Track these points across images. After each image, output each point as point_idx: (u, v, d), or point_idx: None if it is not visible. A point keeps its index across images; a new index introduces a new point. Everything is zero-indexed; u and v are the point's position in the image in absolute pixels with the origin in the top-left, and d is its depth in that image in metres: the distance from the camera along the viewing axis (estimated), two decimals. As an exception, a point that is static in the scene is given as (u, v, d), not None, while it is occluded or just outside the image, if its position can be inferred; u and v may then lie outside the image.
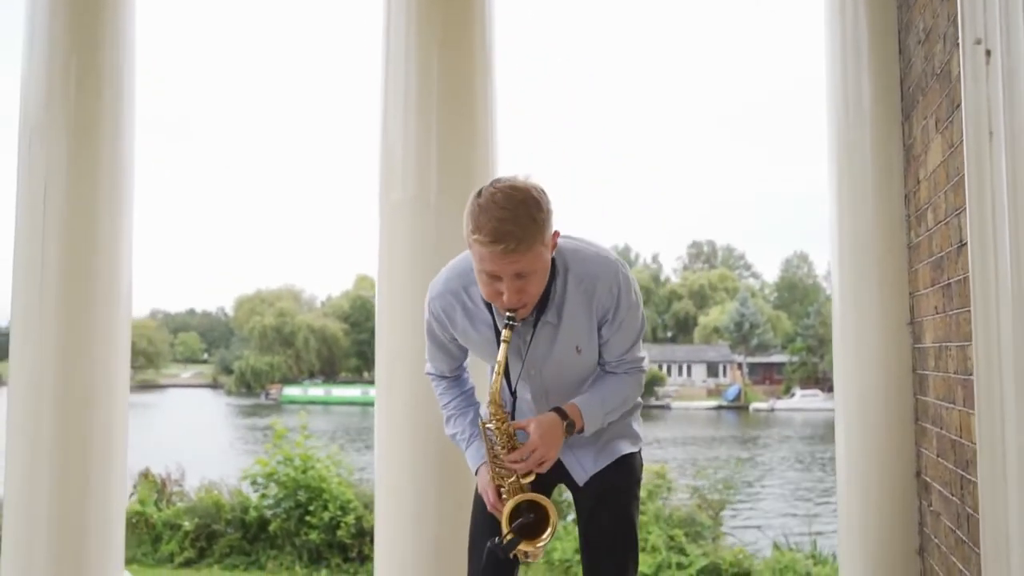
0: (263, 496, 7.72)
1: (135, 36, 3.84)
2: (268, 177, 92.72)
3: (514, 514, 1.94)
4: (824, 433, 33.34)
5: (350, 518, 7.21)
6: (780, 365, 51.62)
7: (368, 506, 7.55)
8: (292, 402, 44.55)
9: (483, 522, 2.13)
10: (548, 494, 2.24)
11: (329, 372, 56.20)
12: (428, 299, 2.06)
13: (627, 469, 2.14)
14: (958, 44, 2.37)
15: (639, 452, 2.19)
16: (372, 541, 7.53)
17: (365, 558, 7.30)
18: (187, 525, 7.58)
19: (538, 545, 1.95)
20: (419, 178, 3.26)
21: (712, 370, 51.51)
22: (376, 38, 3.46)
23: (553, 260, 1.92)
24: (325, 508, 7.30)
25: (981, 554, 1.92)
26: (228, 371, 56.97)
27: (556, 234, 1.87)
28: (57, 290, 3.50)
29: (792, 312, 55.83)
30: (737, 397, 47.29)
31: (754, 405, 45.63)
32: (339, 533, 7.18)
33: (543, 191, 1.84)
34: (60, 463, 3.47)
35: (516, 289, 1.82)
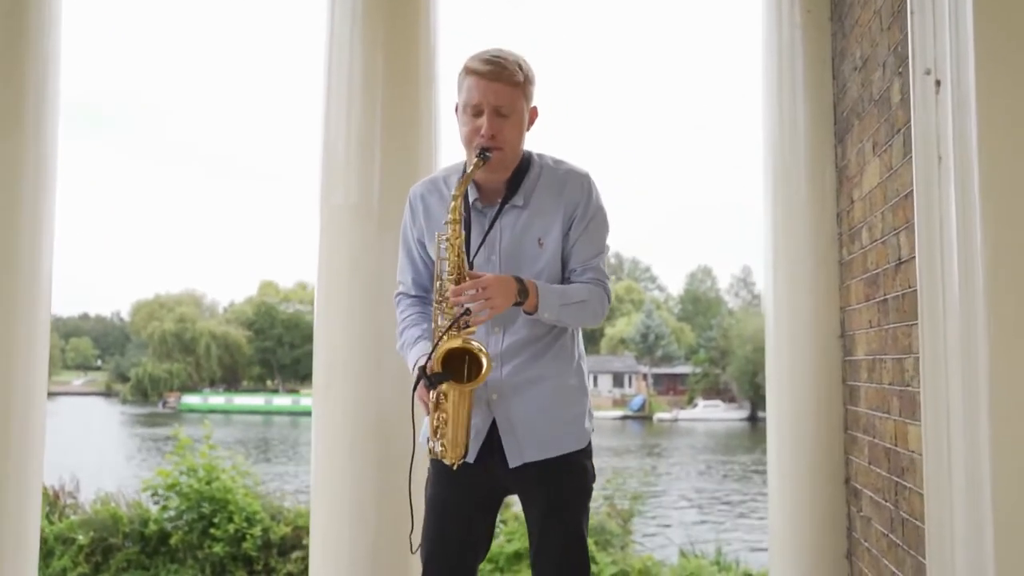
0: (164, 508, 7.45)
1: (61, 26, 3.66)
2: (170, 176, 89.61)
3: (448, 360, 1.90)
4: (726, 443, 34.37)
5: (256, 530, 7.02)
6: (684, 376, 52.94)
7: (275, 517, 7.38)
8: (191, 411, 43.03)
9: (442, 533, 2.06)
10: (495, 508, 2.19)
11: (231, 380, 54.63)
12: (410, 191, 2.16)
13: (579, 481, 2.07)
14: (899, 73, 2.50)
15: (590, 456, 2.11)
16: (279, 553, 7.40)
17: (271, 571, 7.12)
18: (81, 539, 7.23)
19: (467, 387, 1.91)
20: (361, 184, 3.22)
21: (618, 380, 52.40)
22: (319, 44, 3.40)
23: (529, 156, 2.06)
24: (230, 520, 7.09)
25: (927, 560, 2.01)
26: (123, 378, 54.73)
27: (535, 111, 2.06)
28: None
29: (696, 324, 57.39)
30: (642, 407, 48.25)
31: (658, 415, 46.65)
32: (245, 545, 6.98)
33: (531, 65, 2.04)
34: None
35: (494, 125, 1.96)
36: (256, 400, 48.31)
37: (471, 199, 2.05)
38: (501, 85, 1.96)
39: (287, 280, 63.27)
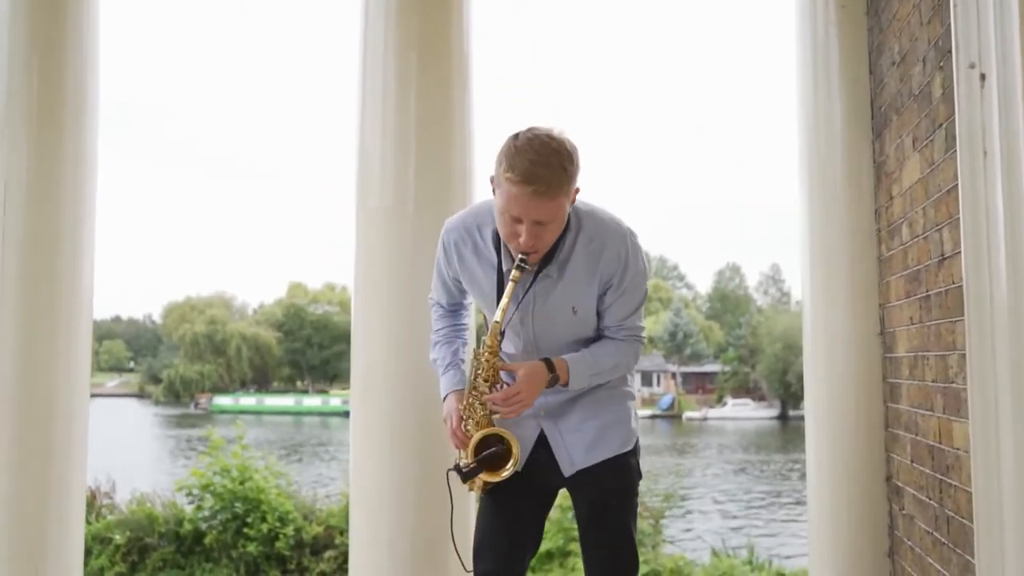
0: (198, 508, 7.54)
1: (99, 34, 3.72)
2: (200, 180, 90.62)
3: (479, 448, 2.02)
4: (755, 441, 34.11)
5: (289, 529, 7.11)
6: (712, 375, 52.60)
7: (307, 517, 7.43)
8: (223, 412, 43.52)
9: (495, 517, 2.12)
10: (547, 503, 2.24)
11: (262, 381, 55.14)
12: (443, 231, 2.15)
13: (624, 478, 2.10)
14: (940, 67, 2.48)
15: (636, 455, 2.14)
16: (311, 552, 7.44)
17: (304, 570, 7.19)
18: (118, 539, 7.37)
19: (499, 477, 2.03)
20: (397, 187, 3.24)
21: (646, 379, 52.18)
22: (353, 47, 3.43)
23: (566, 220, 1.99)
24: (263, 520, 7.18)
25: (976, 559, 1.99)
26: (156, 380, 55.40)
27: (577, 190, 1.95)
28: (17, 294, 3.37)
29: (724, 323, 57.00)
30: (671, 406, 48.00)
31: (687, 414, 46.40)
32: (278, 545, 7.07)
33: (575, 146, 1.93)
34: (19, 477, 3.32)
35: (533, 234, 1.89)
36: (286, 401, 48.69)
37: (506, 266, 2.03)
38: (542, 201, 1.85)
39: (316, 281, 63.61)
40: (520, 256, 1.91)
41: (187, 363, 53.03)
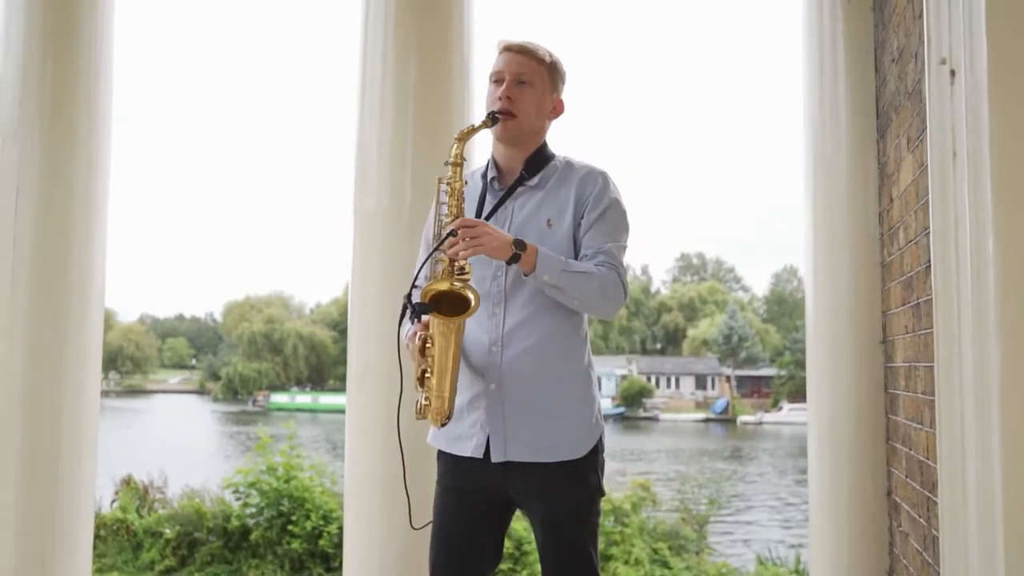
0: (245, 505, 7.68)
1: (113, 35, 3.81)
2: (259, 182, 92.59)
3: (437, 298, 1.84)
4: (811, 447, 33.33)
5: (333, 527, 7.18)
6: (768, 378, 51.69)
7: (353, 516, 7.54)
8: (279, 409, 44.30)
9: (441, 539, 2.04)
10: (500, 519, 2.07)
11: (317, 380, 55.99)
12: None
13: (578, 494, 1.96)
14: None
15: (598, 465, 2.00)
16: (353, 551, 7.56)
17: (347, 568, 7.29)
18: (168, 533, 7.54)
19: (455, 320, 1.84)
20: (393, 188, 3.25)
21: (700, 382, 51.55)
22: (354, 48, 3.45)
23: (551, 151, 2.07)
24: (307, 518, 7.28)
25: (941, 571, 1.90)
26: (216, 377, 56.70)
27: (560, 103, 2.08)
28: (28, 291, 3.46)
29: (781, 326, 55.94)
30: (725, 410, 47.32)
31: (742, 418, 45.67)
32: (321, 542, 7.15)
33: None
34: (28, 469, 3.42)
35: (511, 88, 1.99)
36: (341, 399, 49.19)
37: (489, 177, 2.07)
38: (525, 58, 2.01)
39: (372, 282, 64.20)
40: (492, 111, 1.98)
41: (245, 361, 54.15)
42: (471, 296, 1.84)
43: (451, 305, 1.85)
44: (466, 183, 1.99)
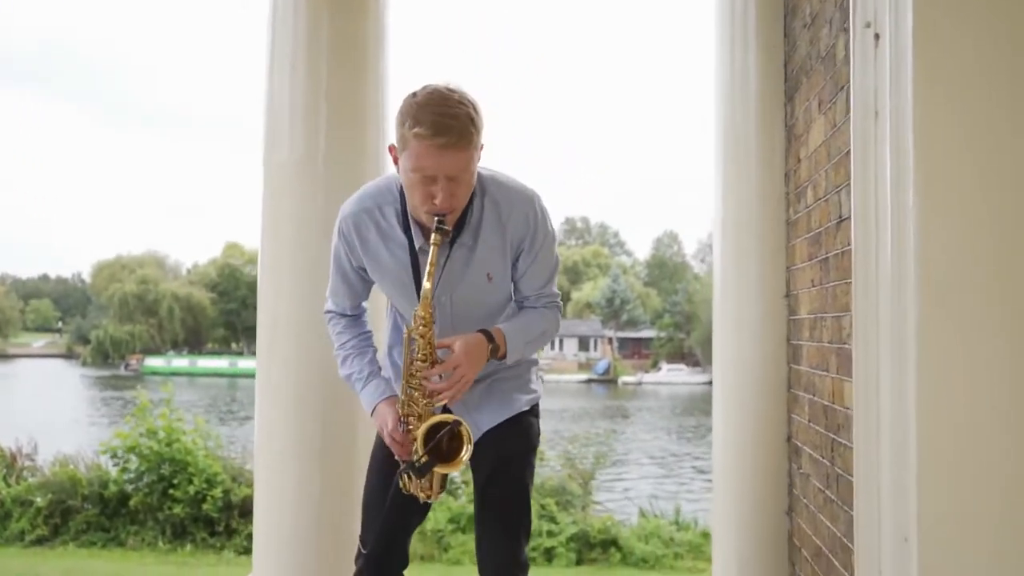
0: (123, 470, 7.40)
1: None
2: (134, 135, 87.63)
3: (427, 439, 1.89)
4: (688, 405, 34.83)
5: (217, 491, 7.02)
6: (648, 340, 53.46)
7: (236, 479, 7.35)
8: (154, 373, 42.64)
9: (379, 483, 2.09)
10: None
11: (194, 343, 54.15)
12: (339, 219, 2.01)
13: (524, 436, 2.13)
14: (845, 29, 2.48)
15: (536, 414, 2.19)
16: (240, 515, 7.37)
17: (233, 532, 7.11)
18: (39, 501, 7.19)
19: (455, 467, 1.91)
20: (307, 139, 3.15)
21: (583, 344, 52.77)
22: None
23: (473, 191, 1.91)
24: (190, 482, 7.08)
25: (854, 513, 2.03)
26: (84, 341, 54.06)
27: (481, 147, 1.86)
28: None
29: (661, 289, 57.82)
30: (607, 371, 48.70)
31: (623, 379, 47.13)
32: (205, 507, 6.98)
33: (476, 99, 1.84)
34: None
35: (449, 191, 1.80)
36: (220, 363, 47.92)
37: (418, 243, 1.96)
38: (455, 153, 1.77)
39: (252, 242, 62.51)
40: (437, 218, 1.82)
41: (117, 324, 51.75)
42: (466, 435, 1.90)
43: (436, 428, 1.90)
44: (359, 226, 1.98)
